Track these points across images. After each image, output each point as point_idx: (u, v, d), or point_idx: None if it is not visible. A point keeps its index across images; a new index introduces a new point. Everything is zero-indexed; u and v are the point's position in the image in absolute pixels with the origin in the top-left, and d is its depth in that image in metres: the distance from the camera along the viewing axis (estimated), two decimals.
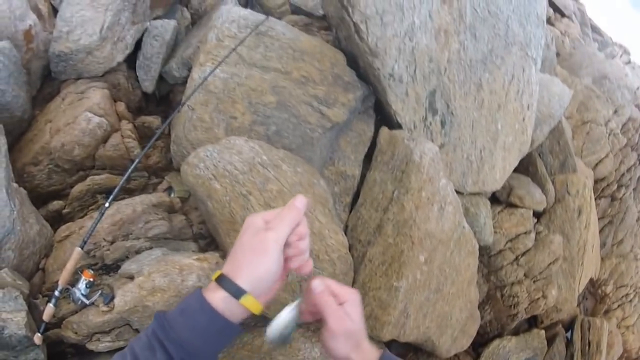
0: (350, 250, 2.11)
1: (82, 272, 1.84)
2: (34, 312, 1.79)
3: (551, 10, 5.59)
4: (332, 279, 0.86)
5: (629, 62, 8.78)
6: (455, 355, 2.70)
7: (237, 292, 0.69)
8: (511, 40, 3.07)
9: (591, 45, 6.38)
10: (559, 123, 3.47)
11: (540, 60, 3.34)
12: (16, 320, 1.65)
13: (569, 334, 4.21)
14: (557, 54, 4.82)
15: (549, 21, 5.37)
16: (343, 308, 0.81)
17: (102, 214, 1.98)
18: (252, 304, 0.70)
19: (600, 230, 5.01)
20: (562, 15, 5.74)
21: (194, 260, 1.99)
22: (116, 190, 2.07)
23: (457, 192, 2.42)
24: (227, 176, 1.97)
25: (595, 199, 4.71)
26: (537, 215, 3.23)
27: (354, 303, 0.83)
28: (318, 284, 0.82)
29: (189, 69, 2.52)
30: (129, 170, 2.13)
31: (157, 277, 1.89)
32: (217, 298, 0.69)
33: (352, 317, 0.81)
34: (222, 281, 0.70)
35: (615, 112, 5.65)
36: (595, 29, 7.94)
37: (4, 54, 2.23)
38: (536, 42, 3.32)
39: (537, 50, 3.33)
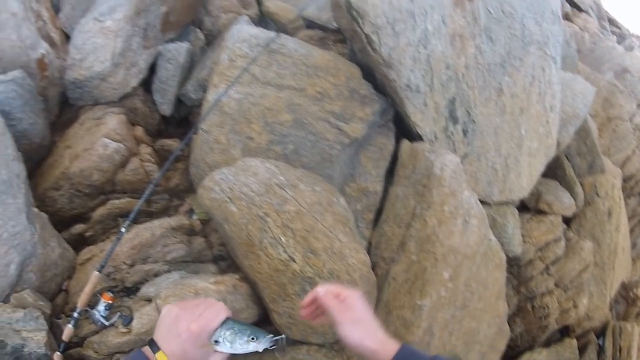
0: (374, 268, 2.05)
1: (101, 295, 1.86)
2: (56, 331, 1.83)
3: (568, 6, 5.44)
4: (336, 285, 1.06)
5: None
6: None
7: (154, 348, 0.88)
8: (528, 40, 2.97)
9: (610, 39, 6.19)
10: (585, 122, 3.35)
11: (559, 58, 3.23)
12: (36, 339, 1.71)
13: (601, 341, 4.05)
14: (578, 51, 4.67)
15: (567, 17, 5.22)
16: (344, 302, 0.99)
17: (119, 238, 2.00)
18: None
19: (631, 231, 4.80)
20: (579, 10, 5.58)
21: (210, 284, 1.96)
22: (132, 214, 2.07)
23: (483, 202, 2.34)
24: (243, 198, 1.93)
25: (624, 198, 4.53)
26: (567, 220, 3.11)
27: (354, 297, 1.00)
28: (321, 289, 1.02)
29: (205, 90, 2.51)
30: (146, 193, 2.13)
31: (173, 301, 1.88)
32: (146, 351, 0.89)
33: (354, 307, 0.98)
34: (150, 341, 0.90)
35: (639, 105, 5.45)
36: (612, 22, 7.71)
37: (17, 83, 2.26)
38: (554, 40, 3.20)
39: (556, 48, 3.22)
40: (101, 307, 1.82)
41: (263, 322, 2.19)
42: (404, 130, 2.34)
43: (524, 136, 2.64)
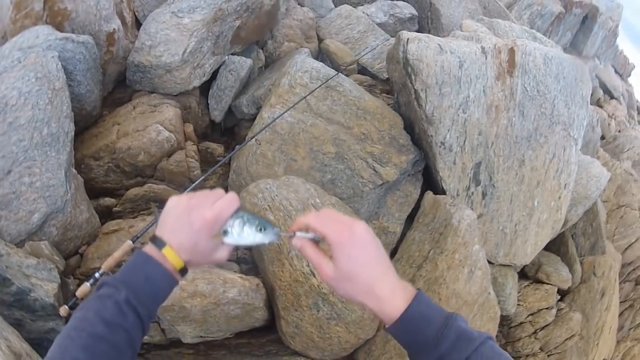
0: None
1: None
2: (63, 288, 1.91)
3: (601, 92, 5.69)
4: (329, 214, 0.76)
5: None
6: None
7: (158, 244, 0.78)
8: (556, 120, 3.19)
9: (635, 128, 6.42)
10: (594, 205, 3.55)
11: (581, 140, 3.43)
12: (46, 289, 1.75)
13: None
14: (602, 137, 4.91)
15: (598, 103, 5.46)
16: (327, 256, 0.74)
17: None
18: (173, 256, 0.77)
19: (621, 314, 4.94)
20: (611, 97, 5.84)
21: (237, 277, 2.15)
22: None
23: (489, 261, 2.54)
24: (281, 210, 2.15)
25: (620, 283, 4.68)
26: (562, 292, 3.29)
27: (342, 247, 0.72)
28: (296, 243, 0.78)
29: (258, 108, 2.74)
30: (191, 187, 2.28)
31: (201, 284, 2.01)
32: (148, 249, 0.79)
33: (340, 263, 0.72)
34: (152, 238, 0.80)
35: None
36: None
37: (87, 48, 2.32)
38: (578, 123, 3.42)
39: (579, 130, 3.43)
40: None
41: (269, 328, 2.37)
42: (430, 182, 2.58)
43: (536, 207, 2.85)
